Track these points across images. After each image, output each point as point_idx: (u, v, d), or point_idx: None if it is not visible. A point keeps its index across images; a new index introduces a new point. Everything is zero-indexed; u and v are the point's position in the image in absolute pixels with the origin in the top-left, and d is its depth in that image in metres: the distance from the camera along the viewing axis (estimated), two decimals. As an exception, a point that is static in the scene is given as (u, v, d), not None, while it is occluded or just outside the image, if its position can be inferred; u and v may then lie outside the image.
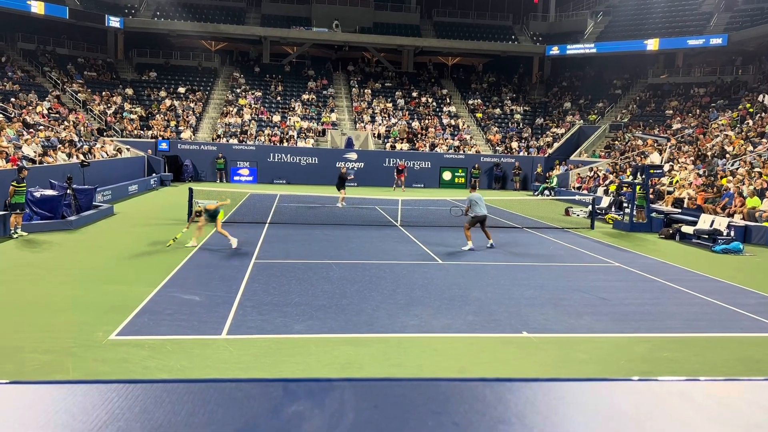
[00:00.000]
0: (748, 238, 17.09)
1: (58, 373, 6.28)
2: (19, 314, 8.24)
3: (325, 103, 39.93)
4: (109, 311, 8.37)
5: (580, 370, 6.90)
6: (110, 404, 0.82)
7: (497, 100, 43.25)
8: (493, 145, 38.36)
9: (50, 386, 0.87)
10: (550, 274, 11.97)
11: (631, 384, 0.90)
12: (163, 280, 10.25)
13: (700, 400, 0.87)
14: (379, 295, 9.80)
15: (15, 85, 31.44)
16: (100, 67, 39.46)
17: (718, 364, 7.20)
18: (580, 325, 8.52)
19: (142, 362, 6.59)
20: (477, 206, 14.26)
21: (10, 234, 14.09)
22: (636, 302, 9.97)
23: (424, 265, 12.41)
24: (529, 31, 46.33)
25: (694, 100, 36.34)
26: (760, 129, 27.38)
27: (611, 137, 36.24)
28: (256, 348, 7.18)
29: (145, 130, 34.44)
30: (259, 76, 41.66)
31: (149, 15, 41.81)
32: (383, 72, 44.88)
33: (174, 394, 0.85)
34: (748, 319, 9.20)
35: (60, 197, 16.03)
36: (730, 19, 37.91)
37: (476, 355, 7.32)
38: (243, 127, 35.99)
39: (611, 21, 44.11)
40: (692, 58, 40.75)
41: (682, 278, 12.01)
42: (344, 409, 0.80)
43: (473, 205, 14.30)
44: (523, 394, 0.86)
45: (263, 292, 9.68)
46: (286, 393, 0.84)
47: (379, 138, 37.27)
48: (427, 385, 0.86)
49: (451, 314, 8.81)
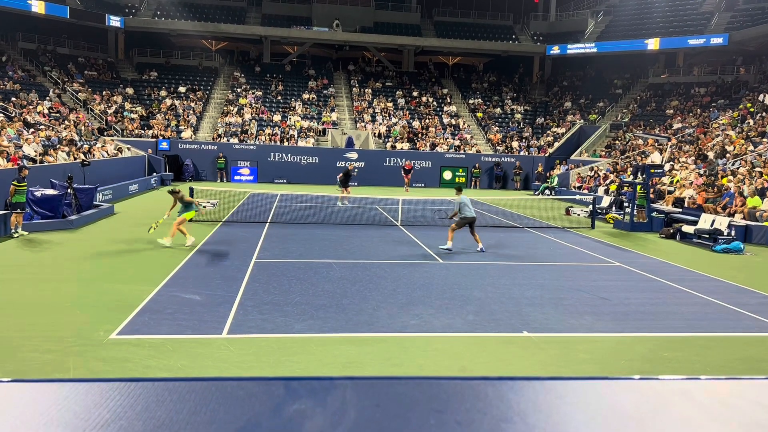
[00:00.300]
0: (749, 238, 17.08)
1: (59, 372, 6.28)
2: (20, 313, 8.25)
3: (325, 103, 39.93)
4: (110, 310, 8.38)
5: (580, 370, 6.90)
6: (112, 403, 0.82)
7: (498, 100, 43.24)
8: (494, 144, 38.36)
9: (52, 384, 0.87)
10: (550, 274, 11.97)
11: (633, 383, 0.90)
12: (163, 279, 10.26)
13: (701, 399, 0.87)
14: (379, 294, 9.80)
15: (15, 84, 31.45)
16: (100, 67, 39.46)
17: (719, 364, 7.20)
18: (580, 325, 8.52)
19: (142, 361, 6.59)
20: (466, 208, 14.12)
21: (11, 233, 14.09)
22: (637, 302, 9.96)
23: (424, 265, 12.41)
24: (529, 30, 46.30)
25: (695, 100, 36.31)
26: (761, 128, 27.36)
27: (612, 137, 36.23)
28: (257, 347, 7.18)
29: (146, 130, 34.45)
30: (260, 76, 41.66)
31: (150, 14, 41.81)
32: (384, 71, 44.87)
33: (176, 392, 0.85)
34: (749, 318, 9.19)
35: (61, 197, 16.03)
36: (731, 19, 37.87)
37: (477, 354, 7.32)
38: (243, 127, 36.00)
39: (612, 21, 44.08)
40: (693, 57, 40.72)
41: (682, 278, 12.01)
42: (346, 407, 0.80)
43: (462, 207, 14.13)
44: (525, 393, 0.86)
45: (264, 292, 9.68)
46: (287, 391, 0.84)
47: (379, 137, 37.27)
48: (428, 384, 0.86)
49: (452, 314, 8.81)
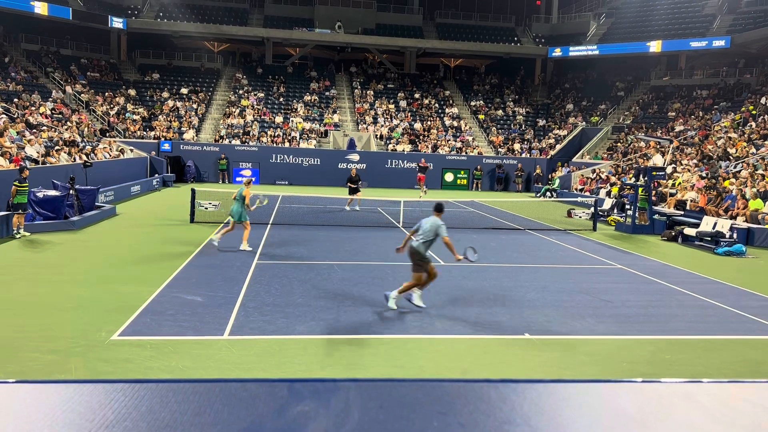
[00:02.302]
0: (751, 241, 17.05)
1: (61, 372, 6.29)
2: (22, 314, 8.26)
3: (327, 105, 39.96)
4: (112, 311, 8.38)
5: (582, 372, 6.89)
6: (116, 404, 0.82)
7: (499, 102, 43.24)
8: (496, 146, 38.36)
9: (57, 385, 0.87)
10: (552, 276, 11.95)
11: (635, 385, 0.91)
12: (165, 280, 10.27)
13: (703, 401, 0.87)
14: (381, 296, 9.80)
15: (18, 85, 31.52)
16: (103, 68, 39.54)
17: (721, 366, 7.19)
18: (582, 327, 8.51)
19: (144, 362, 6.59)
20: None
21: (13, 234, 14.11)
22: (638, 304, 9.95)
23: (426, 267, 12.39)
24: (531, 32, 46.31)
25: (697, 102, 36.29)
26: (763, 131, 27.33)
27: (614, 139, 36.21)
28: (259, 349, 7.18)
29: (148, 131, 34.50)
30: (262, 77, 41.72)
31: (152, 16, 41.89)
32: (386, 73, 44.90)
33: (180, 393, 0.85)
34: (751, 321, 9.18)
35: (62, 198, 16.06)
36: (733, 21, 37.85)
37: (479, 356, 7.31)
38: (245, 128, 36.04)
39: (614, 23, 44.07)
40: (695, 60, 40.69)
41: (684, 280, 11.99)
42: (350, 409, 0.80)
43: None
44: (528, 396, 0.86)
45: (265, 293, 9.69)
46: (291, 393, 0.84)
47: (381, 139, 37.29)
48: (432, 386, 0.86)
49: (454, 316, 8.80)
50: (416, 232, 9.16)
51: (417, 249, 8.93)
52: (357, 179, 21.81)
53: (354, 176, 21.91)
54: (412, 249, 9.01)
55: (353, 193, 21.56)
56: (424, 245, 8.95)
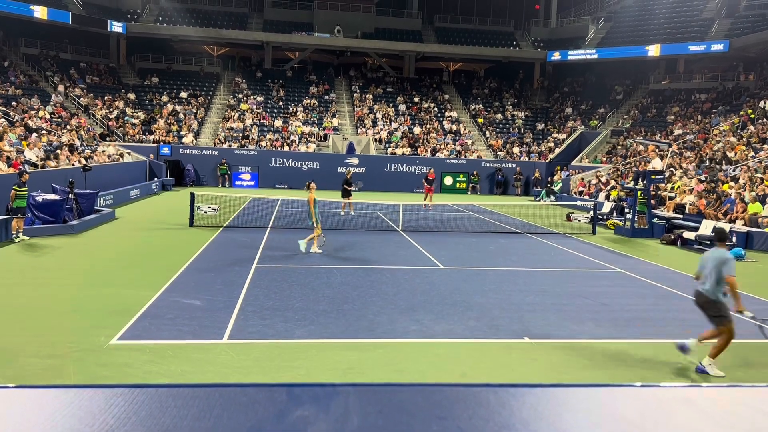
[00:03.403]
0: (750, 244, 17.06)
1: (60, 377, 6.27)
2: (21, 318, 8.24)
3: (326, 108, 40.01)
4: (111, 315, 8.37)
5: (582, 377, 6.88)
6: (116, 409, 0.82)
7: (498, 106, 43.31)
8: (495, 150, 38.40)
9: (56, 390, 0.87)
10: (551, 280, 11.95)
11: (635, 390, 0.91)
12: (164, 284, 10.25)
13: (703, 406, 0.87)
14: (380, 300, 9.79)
15: (18, 89, 31.54)
16: (102, 72, 39.57)
17: (720, 370, 7.17)
18: (582, 331, 8.51)
19: (143, 367, 6.58)
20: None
21: (12, 238, 14.10)
22: (638, 308, 9.95)
23: (425, 270, 12.40)
24: (530, 36, 46.41)
25: (696, 106, 36.35)
26: (762, 135, 27.37)
27: (613, 143, 36.26)
28: (258, 353, 7.17)
29: (147, 135, 34.51)
30: (261, 81, 41.77)
31: (152, 20, 41.94)
32: (385, 77, 44.97)
33: (179, 398, 0.85)
34: (750, 325, 9.16)
35: (62, 201, 16.05)
36: (732, 25, 37.94)
37: (478, 360, 7.30)
38: (245, 132, 36.06)
39: (613, 27, 44.18)
40: (693, 64, 40.79)
41: (683, 284, 11.97)
42: (349, 414, 0.80)
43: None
44: (527, 400, 0.86)
45: (264, 297, 9.68)
46: (290, 398, 0.84)
47: (380, 143, 37.32)
48: (431, 391, 0.86)
49: (453, 319, 8.80)
50: (700, 275, 7.33)
51: (707, 296, 7.08)
52: (351, 181, 22.02)
53: (348, 178, 22.11)
54: (701, 298, 7.18)
55: (346, 196, 21.62)
56: (715, 290, 7.04)
